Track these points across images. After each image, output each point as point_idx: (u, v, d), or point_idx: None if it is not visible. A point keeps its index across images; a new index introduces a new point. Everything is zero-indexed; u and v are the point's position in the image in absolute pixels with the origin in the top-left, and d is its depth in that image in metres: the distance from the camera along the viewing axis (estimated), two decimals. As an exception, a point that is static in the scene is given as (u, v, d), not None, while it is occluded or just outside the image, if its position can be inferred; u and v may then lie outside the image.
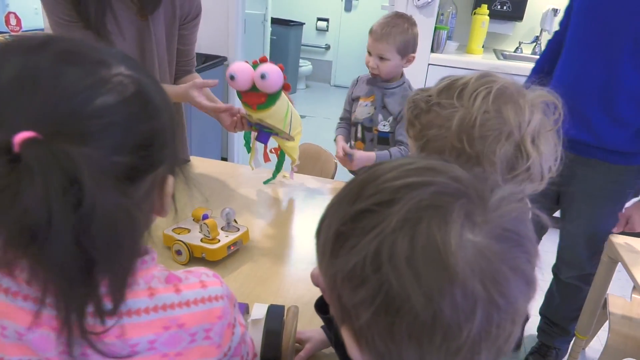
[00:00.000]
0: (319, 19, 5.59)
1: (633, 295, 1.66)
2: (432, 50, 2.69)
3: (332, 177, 1.72)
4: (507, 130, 0.60)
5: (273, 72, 1.17)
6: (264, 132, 1.33)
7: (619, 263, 1.43)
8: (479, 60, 2.74)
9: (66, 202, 0.36)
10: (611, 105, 1.33)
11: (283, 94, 1.24)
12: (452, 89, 0.64)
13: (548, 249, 1.71)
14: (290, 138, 1.35)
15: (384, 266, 0.36)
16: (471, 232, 0.36)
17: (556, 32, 1.58)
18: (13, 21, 2.96)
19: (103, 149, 0.39)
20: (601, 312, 1.69)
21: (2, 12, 3.09)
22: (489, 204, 0.38)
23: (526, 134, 0.61)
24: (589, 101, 1.35)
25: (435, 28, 2.69)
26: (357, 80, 1.67)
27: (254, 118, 1.26)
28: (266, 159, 1.44)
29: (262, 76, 1.16)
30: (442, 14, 2.82)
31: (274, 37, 4.82)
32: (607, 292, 1.64)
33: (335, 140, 1.66)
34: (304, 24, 5.25)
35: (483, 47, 2.86)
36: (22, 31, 2.98)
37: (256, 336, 0.76)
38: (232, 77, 1.18)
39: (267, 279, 1.03)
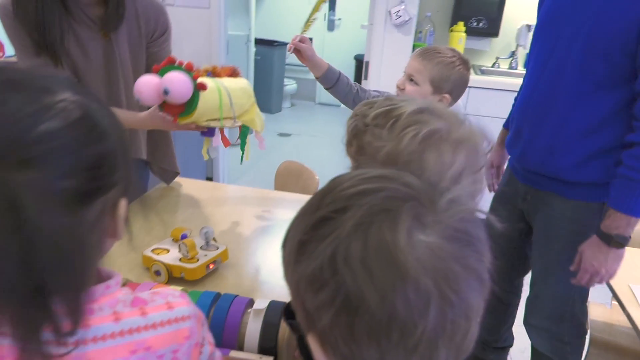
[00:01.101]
0: (303, 39, 5.67)
1: (613, 302, 1.69)
2: (412, 67, 2.75)
3: (314, 194, 1.74)
4: (427, 173, 0.60)
5: (176, 83, 1.06)
6: (208, 128, 1.25)
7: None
8: (457, 75, 2.79)
9: (7, 225, 0.37)
10: (559, 126, 1.18)
11: (211, 81, 1.15)
12: (387, 117, 0.65)
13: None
14: (236, 123, 1.24)
15: (340, 268, 0.37)
16: (423, 233, 0.38)
17: None
18: (-5, 47, 2.97)
19: (48, 173, 0.40)
20: (583, 320, 1.70)
21: (-16, 38, 3.10)
22: (438, 206, 0.40)
23: (445, 178, 0.62)
24: (539, 123, 1.23)
25: (414, 45, 2.75)
26: None
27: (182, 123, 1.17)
28: (225, 142, 1.31)
29: (165, 92, 1.06)
30: (420, 32, 2.89)
31: (258, 57, 4.88)
32: (587, 300, 1.66)
33: None
34: (288, 43, 5.31)
35: (461, 62, 2.93)
36: (6, 57, 2.99)
37: (255, 327, 0.80)
38: (137, 100, 1.10)
39: (247, 295, 1.03)
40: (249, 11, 4.53)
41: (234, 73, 1.26)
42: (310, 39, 1.40)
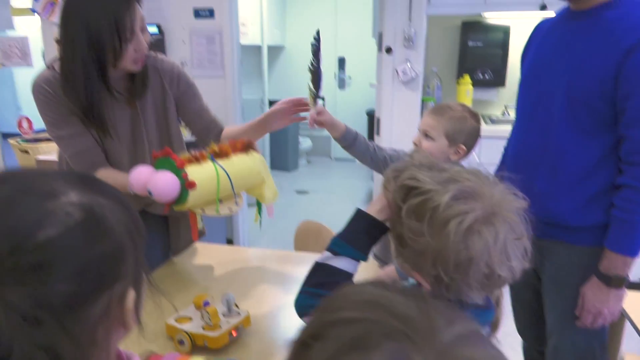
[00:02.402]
0: (315, 98, 5.86)
1: (649, 351, 1.61)
2: (422, 121, 2.82)
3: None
4: (477, 257, 0.64)
5: (160, 187, 1.11)
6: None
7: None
8: (468, 126, 2.85)
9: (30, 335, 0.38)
10: (553, 172, 1.22)
11: (210, 167, 1.19)
12: (423, 210, 0.65)
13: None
14: (237, 205, 1.26)
15: None
16: None
17: None
18: (25, 125, 3.15)
19: (42, 281, 0.40)
20: (620, 372, 1.63)
21: (15, 116, 3.29)
22: (437, 345, 0.33)
23: (493, 256, 0.64)
24: (532, 171, 1.24)
25: (423, 100, 2.83)
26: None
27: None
28: (195, 236, 1.32)
29: (149, 193, 1.13)
30: (428, 86, 2.98)
31: (273, 118, 5.04)
32: (622, 350, 1.60)
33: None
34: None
35: (471, 113, 2.99)
36: (34, 132, 3.16)
37: None
38: (131, 191, 1.17)
39: (270, 363, 1.03)
40: (262, 76, 4.73)
41: (247, 147, 1.31)
42: (322, 99, 1.46)
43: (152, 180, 1.12)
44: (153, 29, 3.00)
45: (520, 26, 2.96)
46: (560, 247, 1.25)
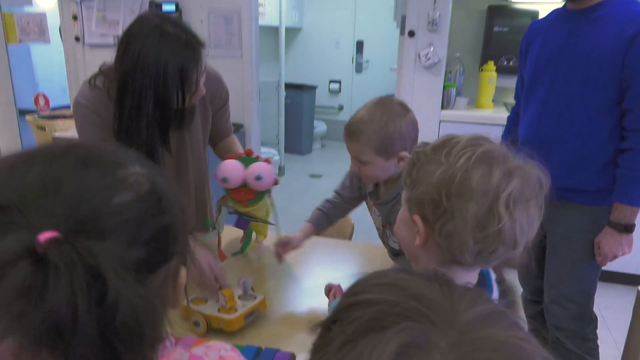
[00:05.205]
0: (331, 81, 5.79)
1: None
2: (443, 107, 2.75)
3: (350, 238, 1.72)
4: (482, 191, 0.63)
5: (268, 172, 1.25)
6: (244, 219, 1.34)
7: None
8: (489, 114, 2.78)
9: (91, 298, 0.36)
10: (572, 146, 1.41)
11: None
12: (446, 146, 0.67)
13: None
14: (269, 223, 1.37)
15: None
16: None
17: (512, 107, 1.69)
18: (42, 101, 3.15)
19: (120, 243, 0.40)
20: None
21: (32, 93, 3.29)
22: (458, 324, 0.31)
23: (500, 198, 0.63)
24: (549, 149, 1.40)
25: (444, 86, 2.76)
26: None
27: (240, 211, 1.30)
28: (222, 256, 1.36)
29: (258, 177, 1.23)
30: (450, 72, 2.90)
31: (289, 101, 5.00)
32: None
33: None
34: (317, 87, 5.43)
35: (493, 101, 2.91)
36: (50, 110, 3.16)
37: None
38: (224, 180, 1.24)
39: (287, 347, 1.01)
40: (279, 58, 4.68)
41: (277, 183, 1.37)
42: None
43: (259, 166, 1.25)
44: (171, 7, 2.96)
45: (549, 11, 2.86)
46: (570, 207, 1.46)
